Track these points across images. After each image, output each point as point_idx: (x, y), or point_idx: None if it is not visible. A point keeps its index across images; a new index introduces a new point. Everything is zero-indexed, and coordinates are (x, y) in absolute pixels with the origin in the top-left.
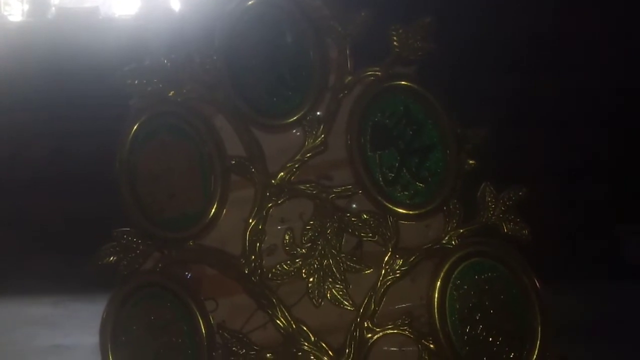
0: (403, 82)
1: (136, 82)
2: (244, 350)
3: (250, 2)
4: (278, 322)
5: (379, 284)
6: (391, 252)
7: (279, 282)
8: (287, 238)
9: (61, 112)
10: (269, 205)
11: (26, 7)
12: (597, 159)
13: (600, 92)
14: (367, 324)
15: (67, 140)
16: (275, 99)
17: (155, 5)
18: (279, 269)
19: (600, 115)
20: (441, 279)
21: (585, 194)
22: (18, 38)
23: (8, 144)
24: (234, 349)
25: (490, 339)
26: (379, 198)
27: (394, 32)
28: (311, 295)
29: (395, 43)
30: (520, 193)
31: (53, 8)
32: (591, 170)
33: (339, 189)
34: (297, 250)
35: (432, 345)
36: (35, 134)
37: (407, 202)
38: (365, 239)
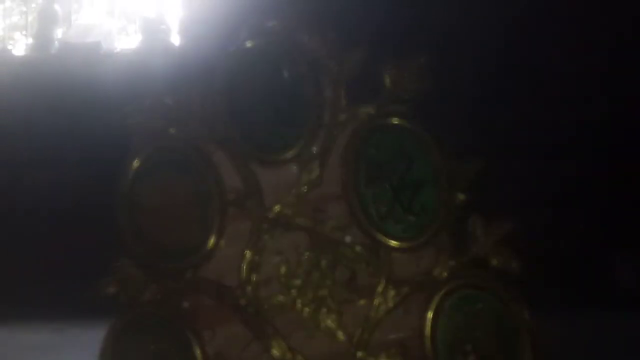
0: (396, 120)
1: (138, 121)
2: None
3: (249, 44)
4: (274, 352)
5: (372, 314)
6: (384, 283)
7: (274, 313)
8: (282, 270)
9: (63, 144)
10: (265, 237)
11: (30, 41)
12: (586, 185)
13: (589, 121)
14: (361, 354)
15: (67, 172)
16: (272, 135)
17: (155, 40)
18: (274, 300)
19: (590, 142)
20: (433, 311)
21: (575, 221)
22: (22, 71)
23: (8, 175)
24: None
25: None
26: (373, 231)
27: (387, 72)
28: (306, 326)
29: (388, 82)
30: (510, 226)
31: (56, 42)
32: (581, 197)
33: (333, 222)
34: (292, 281)
35: None
36: (37, 165)
37: (400, 235)
38: (358, 270)
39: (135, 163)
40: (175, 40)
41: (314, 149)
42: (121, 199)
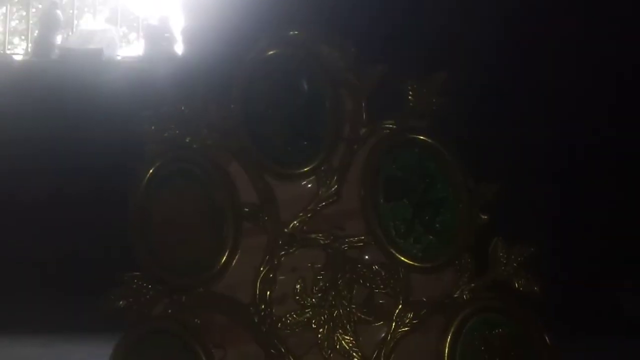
0: (417, 136)
1: (153, 128)
2: None
3: (269, 53)
4: None
5: (389, 336)
6: (402, 304)
7: (288, 331)
8: (298, 287)
9: (62, 151)
10: (281, 253)
11: (30, 46)
12: (597, 213)
13: (605, 149)
14: None
15: (67, 180)
16: (290, 148)
17: (158, 48)
18: (289, 319)
19: (600, 172)
20: (452, 334)
21: (585, 250)
22: (21, 76)
23: (9, 181)
24: None
25: None
26: (391, 250)
27: (409, 87)
28: (321, 347)
29: (410, 97)
30: (532, 250)
31: (57, 48)
32: (592, 227)
33: (351, 240)
34: (307, 300)
35: None
36: (36, 172)
37: (419, 254)
38: (376, 290)
39: (149, 173)
40: (179, 48)
41: (333, 163)
42: (134, 208)
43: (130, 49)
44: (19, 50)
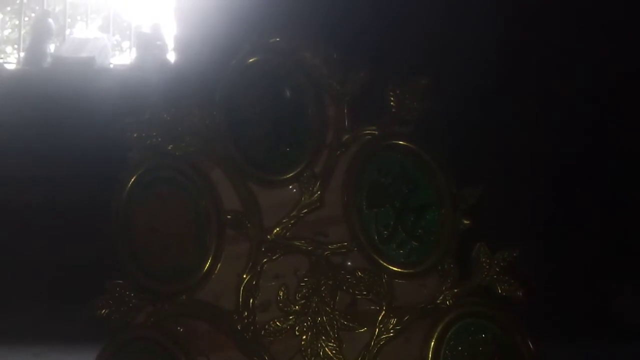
0: (399, 142)
1: (135, 135)
2: None
3: (251, 60)
4: None
5: (372, 343)
6: (385, 310)
7: (271, 338)
8: (281, 294)
9: (54, 159)
10: (264, 260)
11: (22, 55)
12: (587, 215)
13: (589, 150)
14: None
15: (59, 188)
16: (273, 154)
17: (150, 56)
18: (272, 326)
19: (589, 172)
20: (435, 339)
21: (573, 251)
22: (14, 85)
23: (0, 189)
24: None
25: None
26: (374, 256)
27: (391, 92)
28: (304, 353)
29: (392, 103)
30: (515, 254)
31: (49, 57)
32: (580, 227)
33: (334, 246)
34: (290, 306)
35: None
36: (28, 180)
37: (402, 260)
38: (359, 296)
39: (131, 180)
40: (171, 56)
41: (316, 170)
42: (116, 216)
43: (122, 57)
44: (11, 59)
